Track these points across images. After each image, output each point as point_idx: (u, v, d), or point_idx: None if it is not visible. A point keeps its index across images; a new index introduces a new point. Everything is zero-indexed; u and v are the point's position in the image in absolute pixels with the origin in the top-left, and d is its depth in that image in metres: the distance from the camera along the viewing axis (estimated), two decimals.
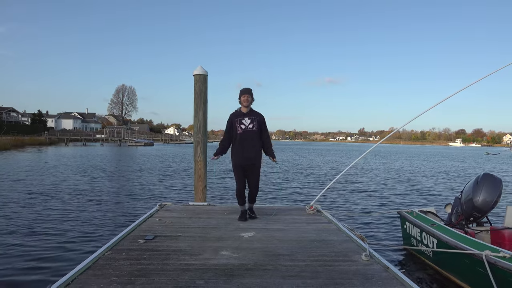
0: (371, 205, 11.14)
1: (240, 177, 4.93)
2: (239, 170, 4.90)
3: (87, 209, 9.48)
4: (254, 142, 4.84)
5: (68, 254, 5.88)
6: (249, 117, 4.87)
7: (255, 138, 4.85)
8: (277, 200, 11.41)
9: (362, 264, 3.25)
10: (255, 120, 4.86)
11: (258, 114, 4.97)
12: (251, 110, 4.96)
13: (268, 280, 2.82)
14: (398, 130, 8.28)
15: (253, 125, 4.84)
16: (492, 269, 3.82)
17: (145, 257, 3.29)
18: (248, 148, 4.80)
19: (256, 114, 4.95)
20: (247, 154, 4.80)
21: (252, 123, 4.84)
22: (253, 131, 4.83)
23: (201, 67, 6.11)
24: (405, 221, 6.31)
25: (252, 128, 4.83)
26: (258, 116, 4.94)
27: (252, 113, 4.92)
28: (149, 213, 5.08)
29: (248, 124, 4.84)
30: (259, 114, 4.99)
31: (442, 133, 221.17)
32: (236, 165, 4.89)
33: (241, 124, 4.84)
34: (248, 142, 4.81)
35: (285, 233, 4.24)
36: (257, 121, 4.87)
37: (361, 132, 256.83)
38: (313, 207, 5.53)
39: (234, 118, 4.91)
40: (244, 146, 4.80)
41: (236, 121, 4.86)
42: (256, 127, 4.85)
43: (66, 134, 68.90)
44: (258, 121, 4.88)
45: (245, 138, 4.80)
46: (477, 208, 5.25)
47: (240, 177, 4.93)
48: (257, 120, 4.88)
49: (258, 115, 4.96)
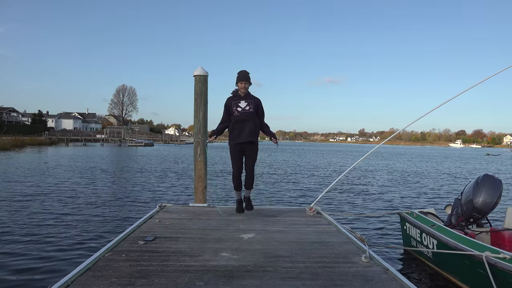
0: (371, 206, 11.14)
1: (237, 158, 4.99)
2: (236, 151, 4.97)
3: (86, 210, 9.48)
4: (251, 122, 4.92)
5: (68, 255, 5.87)
6: (245, 100, 4.96)
7: (252, 118, 4.93)
8: (277, 202, 11.40)
9: (362, 265, 3.24)
10: (251, 103, 4.95)
11: (254, 97, 5.05)
12: (248, 93, 5.04)
13: (267, 282, 2.82)
14: (400, 131, 8.27)
15: (250, 107, 4.92)
16: (492, 270, 3.82)
17: (145, 259, 3.29)
18: (245, 128, 4.89)
19: (253, 97, 5.03)
20: (244, 133, 4.88)
21: (249, 105, 4.93)
22: (249, 112, 4.92)
23: (201, 67, 6.11)
24: (405, 222, 6.31)
25: (249, 110, 4.92)
26: (255, 99, 5.02)
27: (248, 96, 5.01)
28: (149, 214, 5.07)
29: (244, 106, 4.92)
30: (256, 97, 5.07)
31: (442, 134, 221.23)
32: (233, 145, 4.96)
33: (237, 107, 4.92)
34: (245, 123, 4.90)
35: (285, 235, 4.24)
36: (253, 104, 4.95)
37: (361, 133, 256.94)
38: (313, 208, 5.52)
39: (230, 101, 4.99)
40: (241, 126, 4.90)
41: (232, 104, 4.95)
42: (252, 109, 4.93)
43: (66, 134, 68.92)
44: (254, 103, 4.96)
45: (241, 119, 4.90)
46: (477, 209, 5.25)
47: (237, 158, 4.99)
48: (254, 103, 4.96)
49: (255, 98, 5.04)
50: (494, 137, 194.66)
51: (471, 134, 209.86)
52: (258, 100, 5.07)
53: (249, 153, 4.99)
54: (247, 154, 5.00)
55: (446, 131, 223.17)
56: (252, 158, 5.01)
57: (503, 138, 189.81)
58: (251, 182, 5.14)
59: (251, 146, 4.96)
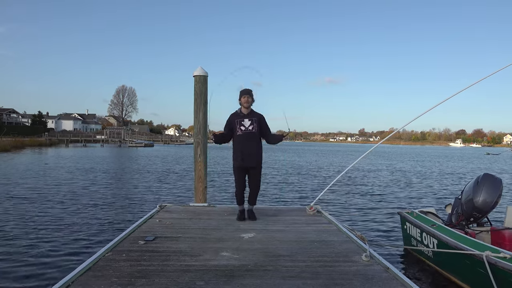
0: (372, 205, 11.15)
1: (240, 178, 4.90)
2: (239, 172, 4.88)
3: (87, 210, 9.48)
4: (254, 143, 4.82)
5: (68, 255, 5.88)
6: (249, 118, 4.85)
7: (255, 139, 4.83)
8: (277, 201, 11.40)
9: (363, 264, 3.24)
10: (255, 121, 4.84)
11: (258, 115, 4.95)
12: (252, 111, 4.94)
13: (268, 281, 2.82)
14: (399, 130, 8.28)
15: (253, 127, 4.81)
16: (493, 270, 3.82)
17: (146, 258, 3.29)
18: (248, 150, 4.78)
19: (256, 115, 4.93)
20: (248, 156, 4.78)
21: (252, 124, 4.82)
22: (252, 133, 4.81)
23: (201, 68, 6.11)
24: (405, 222, 6.32)
25: (252, 130, 4.81)
26: (258, 116, 4.93)
27: (252, 114, 4.90)
28: (149, 214, 5.08)
29: (248, 125, 4.81)
30: (259, 115, 4.98)
31: (442, 133, 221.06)
32: (236, 167, 4.88)
33: (241, 125, 4.81)
34: (248, 144, 4.78)
35: (285, 234, 4.24)
36: (257, 122, 4.85)
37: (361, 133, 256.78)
38: (313, 207, 5.52)
39: (234, 118, 4.88)
40: (244, 147, 4.78)
41: (236, 122, 4.84)
42: (255, 128, 4.82)
43: (66, 135, 68.91)
44: (258, 122, 4.86)
45: (245, 139, 4.78)
46: (477, 208, 5.25)
47: (240, 178, 4.90)
48: (257, 121, 4.86)
49: (258, 116, 4.94)
50: (494, 137, 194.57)
51: (471, 134, 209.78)
52: (262, 117, 4.98)
53: (251, 175, 4.91)
54: (251, 175, 4.92)
55: (446, 130, 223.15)
56: (256, 178, 4.93)
57: (503, 137, 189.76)
58: (254, 199, 5.06)
59: (253, 169, 4.87)
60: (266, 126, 5.00)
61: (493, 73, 5.09)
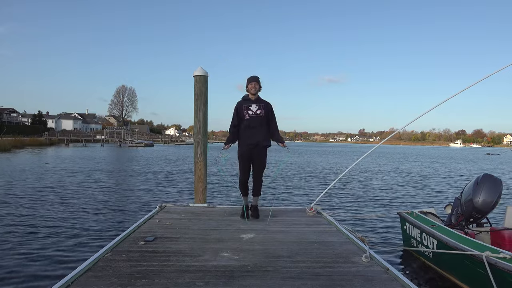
0: (371, 206, 11.14)
1: (244, 165, 4.87)
2: (244, 157, 4.84)
3: (87, 210, 9.48)
4: (262, 127, 4.81)
5: (68, 255, 5.88)
6: (256, 103, 4.86)
7: (262, 123, 4.82)
8: (277, 202, 11.40)
9: (363, 265, 3.25)
10: (262, 107, 4.84)
11: (265, 102, 4.96)
12: (259, 97, 4.96)
13: (268, 282, 2.82)
14: (399, 131, 8.28)
15: (261, 111, 4.81)
16: (493, 270, 3.82)
17: (145, 259, 3.29)
18: (255, 133, 4.77)
19: (264, 102, 4.94)
20: (254, 139, 4.76)
21: (260, 109, 4.82)
22: (260, 117, 4.80)
23: (201, 68, 6.11)
24: (405, 222, 6.31)
25: (259, 114, 4.80)
26: (266, 103, 4.93)
27: (259, 100, 4.92)
28: (149, 215, 5.08)
29: (255, 110, 4.81)
30: (267, 102, 4.98)
31: (443, 133, 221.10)
32: (242, 151, 4.85)
33: (248, 110, 4.81)
34: (255, 128, 4.78)
35: (285, 235, 4.24)
36: (264, 108, 4.84)
37: (361, 133, 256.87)
38: (313, 208, 5.52)
39: (241, 104, 4.88)
40: (251, 131, 4.78)
41: (243, 107, 4.84)
42: (263, 113, 4.81)
43: (66, 135, 68.87)
44: (265, 108, 4.86)
45: (252, 123, 4.78)
46: (477, 208, 5.24)
47: (244, 165, 4.87)
48: (265, 107, 4.85)
49: (266, 103, 4.95)
50: (494, 137, 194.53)
51: (471, 134, 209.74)
52: (270, 105, 4.98)
53: (257, 158, 4.83)
54: (256, 158, 4.84)
55: (446, 131, 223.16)
56: (261, 163, 4.88)
57: (503, 137, 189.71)
58: (258, 188, 4.98)
59: (260, 151, 4.82)
60: (273, 114, 4.99)
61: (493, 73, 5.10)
